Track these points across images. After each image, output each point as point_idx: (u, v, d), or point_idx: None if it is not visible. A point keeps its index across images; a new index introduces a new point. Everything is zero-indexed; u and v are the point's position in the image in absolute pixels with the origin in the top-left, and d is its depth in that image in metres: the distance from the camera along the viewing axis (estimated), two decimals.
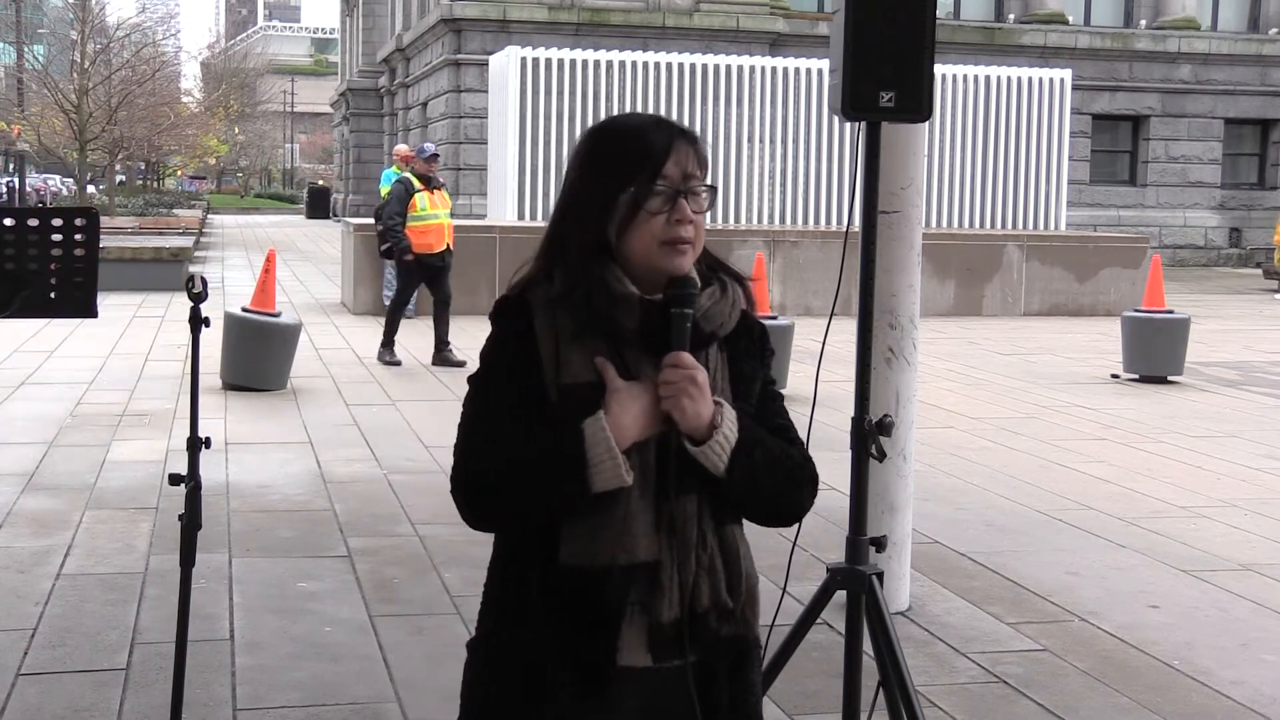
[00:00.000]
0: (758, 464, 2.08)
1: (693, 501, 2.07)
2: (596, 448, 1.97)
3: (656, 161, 2.03)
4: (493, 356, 2.08)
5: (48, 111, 38.58)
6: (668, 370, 2.01)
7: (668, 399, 2.00)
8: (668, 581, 2.04)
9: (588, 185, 2.07)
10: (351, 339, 14.18)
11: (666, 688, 2.08)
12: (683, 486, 2.05)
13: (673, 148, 2.05)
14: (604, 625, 2.03)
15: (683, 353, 2.01)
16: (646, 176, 2.03)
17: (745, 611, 2.14)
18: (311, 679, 4.56)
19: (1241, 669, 4.88)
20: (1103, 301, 18.81)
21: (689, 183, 2.05)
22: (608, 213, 2.05)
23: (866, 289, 3.63)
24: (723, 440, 2.03)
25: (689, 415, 2.00)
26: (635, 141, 2.06)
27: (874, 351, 4.22)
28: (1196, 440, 9.40)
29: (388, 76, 42.72)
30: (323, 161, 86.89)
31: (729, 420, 2.05)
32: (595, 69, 20.00)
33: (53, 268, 3.46)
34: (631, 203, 2.03)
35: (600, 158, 2.08)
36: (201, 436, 3.67)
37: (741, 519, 2.17)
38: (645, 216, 2.03)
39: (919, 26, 3.46)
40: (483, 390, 2.08)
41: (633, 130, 2.08)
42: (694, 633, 2.06)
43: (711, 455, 2.03)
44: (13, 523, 6.55)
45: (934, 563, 6.14)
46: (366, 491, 7.33)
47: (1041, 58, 29.70)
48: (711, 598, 2.08)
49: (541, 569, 2.05)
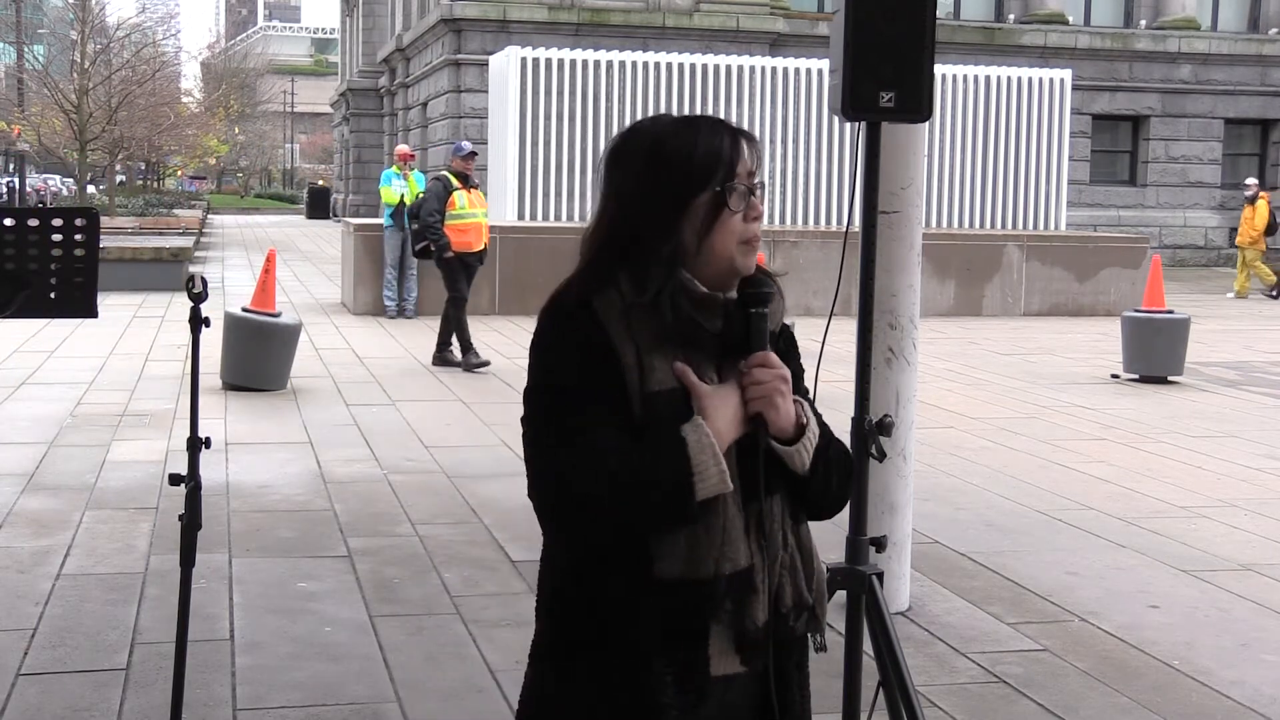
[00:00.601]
0: (833, 460, 2.11)
1: (778, 502, 2.06)
2: (702, 454, 1.92)
3: (732, 161, 2.03)
4: (564, 369, 1.98)
5: (48, 111, 38.57)
6: (758, 371, 1.99)
7: (759, 399, 1.99)
8: (760, 585, 2.01)
9: (659, 188, 2.01)
10: (351, 339, 14.18)
11: (742, 690, 2.06)
12: (771, 488, 2.03)
13: (739, 146, 2.05)
14: (702, 635, 1.98)
15: (770, 353, 2.01)
16: (725, 176, 2.01)
17: (818, 607, 2.12)
18: (311, 679, 4.56)
19: (1241, 669, 4.88)
20: (1103, 301, 18.81)
21: (753, 180, 2.06)
22: (683, 216, 2.01)
23: (866, 289, 3.63)
24: (810, 438, 2.05)
25: (782, 415, 2.00)
26: (709, 143, 2.03)
27: (874, 351, 4.22)
28: (1196, 440, 9.40)
29: (388, 76, 42.72)
30: (323, 161, 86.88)
31: (813, 419, 2.07)
32: (595, 69, 19.99)
33: (53, 268, 3.46)
34: (714, 203, 2.01)
35: (671, 161, 2.02)
36: (201, 436, 3.67)
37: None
38: (728, 216, 2.01)
39: (919, 26, 3.46)
40: (560, 405, 1.97)
41: (703, 132, 2.05)
42: (778, 634, 2.05)
43: (803, 454, 2.04)
44: (13, 523, 6.55)
45: (934, 563, 6.14)
46: (366, 491, 7.33)
47: (1041, 58, 29.70)
48: (794, 597, 2.07)
49: (637, 581, 1.98)
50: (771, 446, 2.01)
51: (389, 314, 16.29)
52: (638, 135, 2.07)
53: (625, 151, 2.07)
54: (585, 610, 2.03)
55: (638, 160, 2.04)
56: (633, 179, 2.04)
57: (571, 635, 2.05)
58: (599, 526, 1.96)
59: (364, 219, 21.79)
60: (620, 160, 2.07)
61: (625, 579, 1.98)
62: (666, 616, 1.97)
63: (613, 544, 1.99)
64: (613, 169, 2.07)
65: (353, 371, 11.84)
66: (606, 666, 2.00)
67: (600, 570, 2.01)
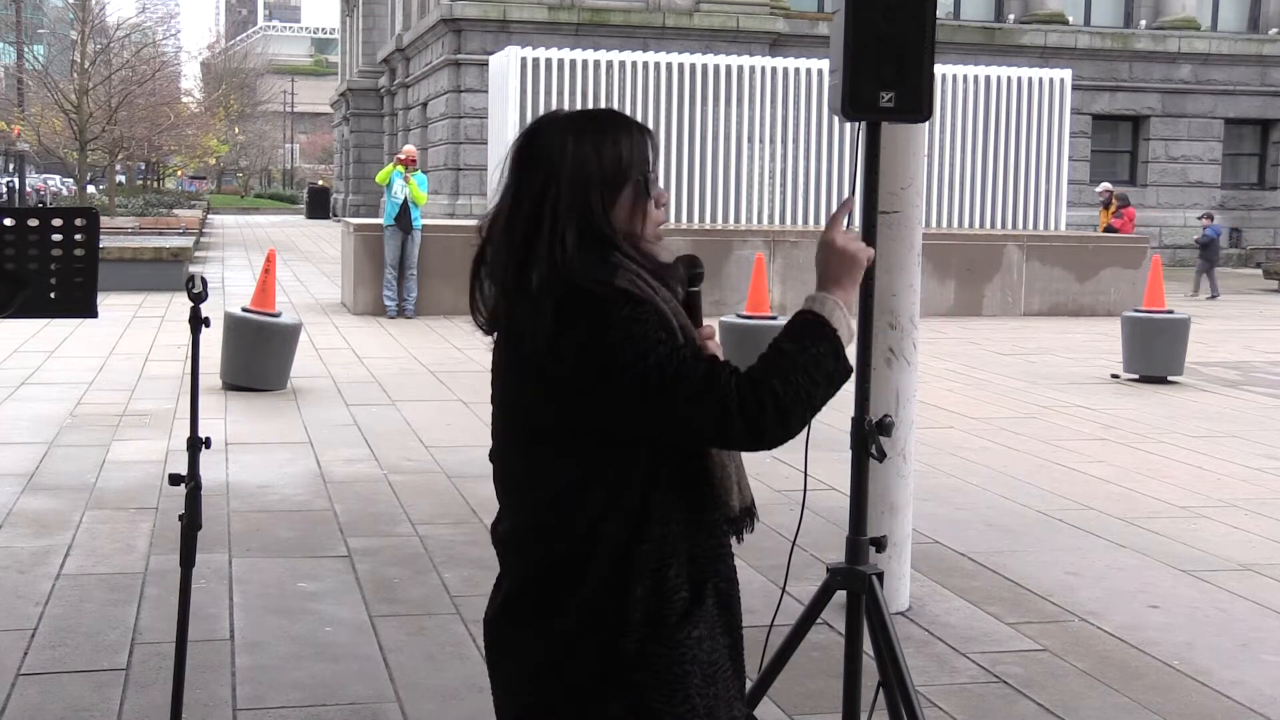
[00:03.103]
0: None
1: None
2: (835, 312, 2.15)
3: (645, 154, 2.18)
4: (653, 333, 2.06)
5: (48, 111, 38.57)
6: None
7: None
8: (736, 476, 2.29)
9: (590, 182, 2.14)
10: (351, 339, 14.18)
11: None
12: None
13: (647, 138, 2.21)
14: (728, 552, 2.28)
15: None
16: (646, 168, 2.18)
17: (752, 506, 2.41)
18: (311, 679, 4.56)
19: (1241, 669, 4.88)
20: (1103, 301, 18.81)
21: (656, 171, 2.24)
22: (614, 205, 2.15)
23: (866, 289, 3.63)
24: None
25: None
26: (631, 138, 2.18)
27: (874, 351, 4.22)
28: (1196, 440, 9.40)
29: (388, 76, 42.72)
30: (323, 161, 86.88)
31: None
32: (595, 69, 19.99)
33: (53, 268, 3.46)
34: (639, 194, 2.17)
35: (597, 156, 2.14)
36: (201, 436, 3.67)
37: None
38: (648, 203, 2.19)
39: (919, 26, 3.46)
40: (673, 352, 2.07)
41: (627, 128, 2.19)
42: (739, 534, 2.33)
43: None
44: (13, 523, 6.55)
45: (934, 563, 6.14)
46: (366, 491, 7.32)
47: (1041, 58, 29.71)
48: (750, 498, 2.37)
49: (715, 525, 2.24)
50: None
51: (389, 314, 16.29)
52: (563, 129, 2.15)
53: (536, 150, 2.15)
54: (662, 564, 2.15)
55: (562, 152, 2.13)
56: (556, 175, 2.13)
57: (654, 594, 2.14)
58: (802, 417, 2.10)
59: (364, 219, 21.78)
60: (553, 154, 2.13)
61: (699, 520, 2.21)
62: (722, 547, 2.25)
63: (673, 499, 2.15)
64: (531, 167, 2.15)
65: (353, 371, 11.84)
66: (707, 607, 2.18)
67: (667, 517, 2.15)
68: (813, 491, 3.85)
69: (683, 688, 2.12)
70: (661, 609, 2.12)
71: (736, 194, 20.14)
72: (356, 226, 17.35)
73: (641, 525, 2.12)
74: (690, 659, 2.13)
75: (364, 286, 16.84)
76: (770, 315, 11.24)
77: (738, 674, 2.26)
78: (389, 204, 16.61)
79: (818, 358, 2.09)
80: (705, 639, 2.16)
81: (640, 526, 2.12)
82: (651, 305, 2.09)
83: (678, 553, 2.15)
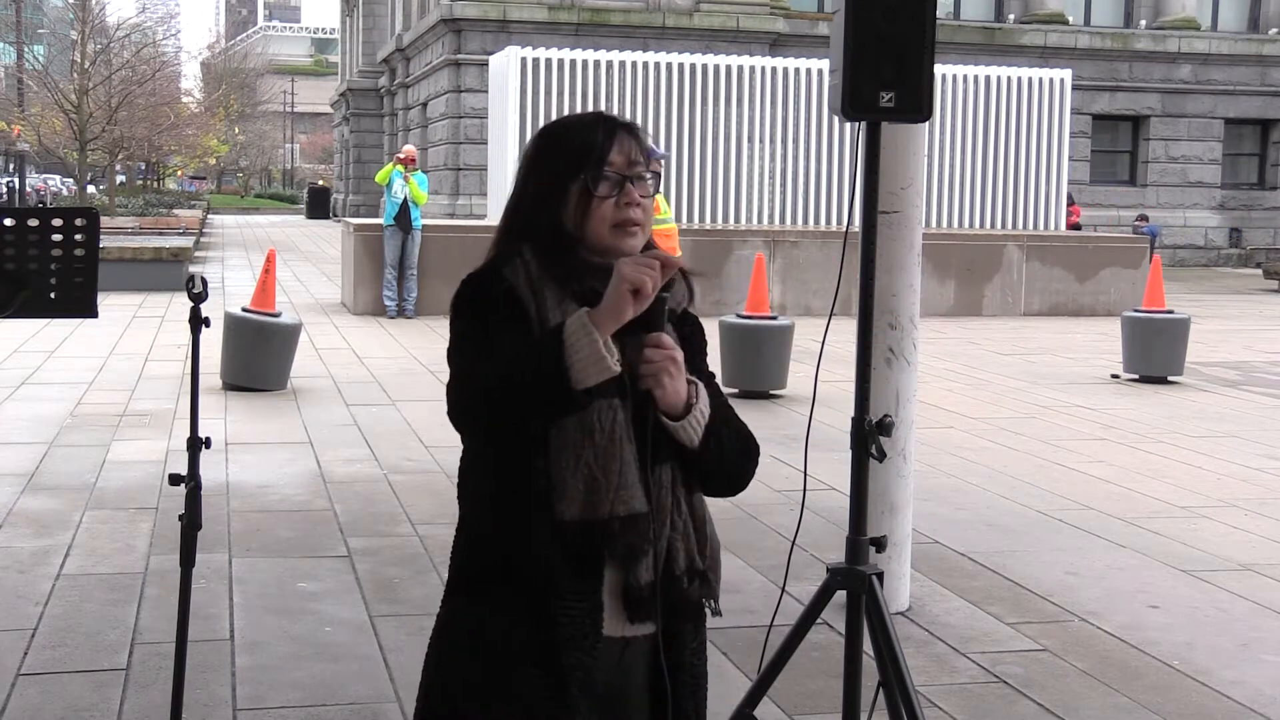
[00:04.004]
0: (725, 438, 2.26)
1: (667, 472, 2.22)
2: (578, 336, 2.05)
3: (601, 151, 2.20)
4: (476, 317, 2.17)
5: (48, 111, 38.54)
6: (650, 350, 2.14)
7: (649, 377, 2.14)
8: (648, 545, 2.17)
9: (541, 179, 2.24)
10: (351, 339, 14.19)
11: (632, 656, 2.25)
12: (659, 458, 2.20)
13: (615, 138, 2.23)
14: (596, 584, 2.15)
15: (663, 335, 2.15)
16: (593, 165, 2.19)
17: (710, 573, 2.28)
18: (311, 679, 4.56)
19: (1241, 669, 4.88)
20: (1103, 301, 18.81)
21: (634, 169, 2.23)
22: (561, 203, 2.21)
23: (866, 289, 3.63)
24: (699, 416, 2.21)
25: (669, 393, 2.16)
26: (580, 135, 2.23)
27: (874, 351, 4.22)
28: (1196, 440, 9.40)
29: (388, 76, 42.72)
30: (323, 161, 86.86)
31: (704, 397, 2.23)
32: (595, 69, 19.99)
33: (53, 268, 3.45)
34: (582, 190, 2.19)
35: (549, 154, 2.25)
36: (201, 436, 3.67)
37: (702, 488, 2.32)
38: (597, 202, 2.19)
39: (919, 26, 3.46)
40: (472, 340, 2.16)
41: (577, 126, 2.26)
42: (668, 595, 2.20)
43: (689, 430, 2.20)
44: (13, 523, 6.55)
45: (934, 563, 6.14)
46: (366, 491, 7.33)
47: (1041, 58, 29.71)
48: (687, 560, 2.23)
49: (543, 521, 2.14)
50: (660, 420, 2.17)
51: (389, 314, 16.29)
52: (537, 134, 2.33)
53: (525, 149, 2.32)
54: (494, 547, 2.20)
55: (529, 155, 2.29)
56: (525, 171, 2.28)
57: (482, 572, 2.22)
58: (496, 419, 2.14)
59: (364, 219, 21.78)
60: (522, 156, 2.32)
61: (532, 518, 2.15)
62: (566, 555, 2.13)
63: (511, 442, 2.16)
64: (521, 162, 2.31)
65: (353, 371, 11.84)
66: (511, 602, 2.16)
67: (510, 508, 2.18)
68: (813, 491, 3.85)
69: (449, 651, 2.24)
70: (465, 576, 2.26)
71: (736, 194, 20.14)
72: (356, 226, 17.34)
73: (487, 511, 2.24)
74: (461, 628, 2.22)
75: (364, 286, 16.84)
76: (770, 315, 11.22)
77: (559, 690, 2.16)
78: (389, 204, 16.61)
79: (527, 357, 2.10)
80: (487, 621, 2.18)
81: (487, 512, 2.24)
82: (494, 292, 2.15)
83: (497, 536, 2.20)
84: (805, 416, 2.96)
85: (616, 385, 2.12)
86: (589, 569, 2.15)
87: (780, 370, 10.85)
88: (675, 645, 2.25)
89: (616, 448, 2.14)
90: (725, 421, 2.26)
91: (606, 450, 2.13)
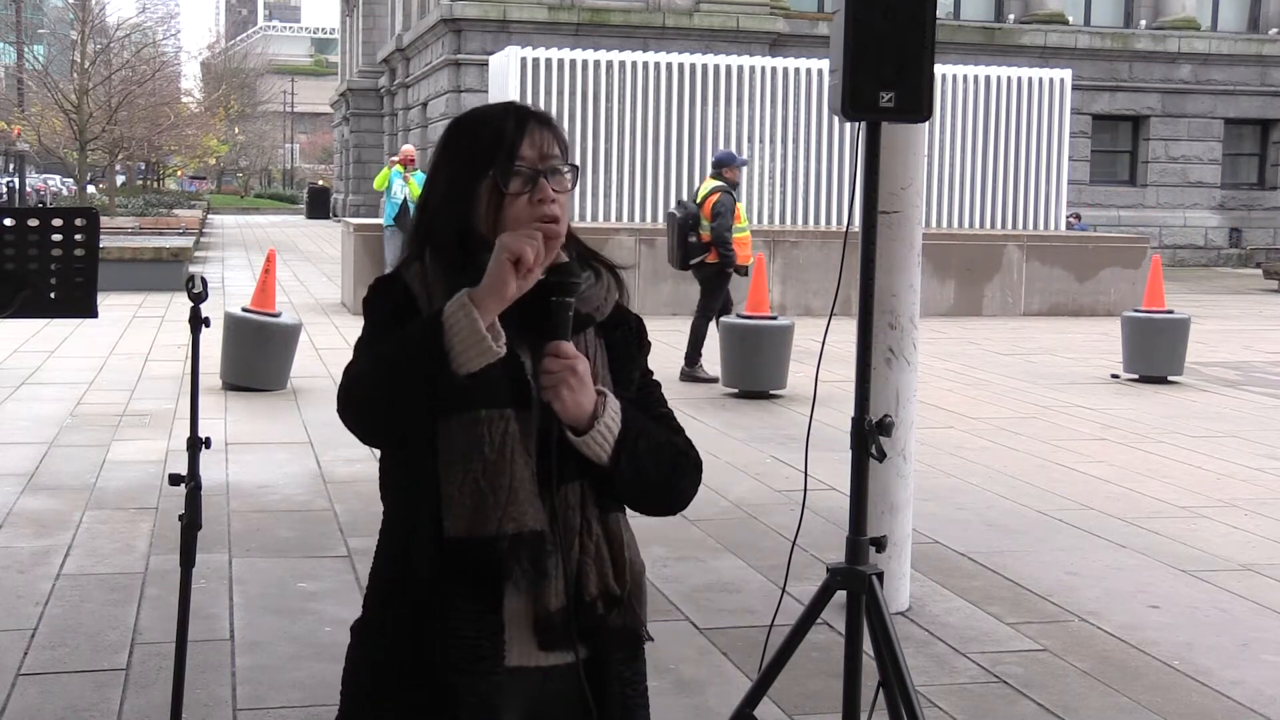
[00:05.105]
0: (641, 453, 2.06)
1: (575, 490, 2.06)
2: (456, 317, 1.92)
3: (511, 145, 2.05)
4: (373, 320, 2.14)
5: (48, 111, 38.52)
6: (548, 360, 1.99)
7: (548, 389, 1.99)
8: (553, 570, 2.02)
9: (450, 176, 2.10)
10: (351, 339, 14.12)
11: (557, 687, 2.08)
12: (565, 475, 2.04)
13: (526, 131, 2.07)
14: (495, 604, 2.01)
15: (564, 343, 2.00)
16: (503, 160, 2.04)
17: (632, 600, 2.10)
18: (311, 679, 4.56)
19: (1241, 669, 4.88)
20: (1103, 301, 18.81)
21: (548, 163, 2.06)
22: (470, 202, 2.07)
23: (866, 289, 3.63)
24: (605, 430, 2.02)
25: (569, 406, 1.99)
26: (488, 129, 2.08)
27: (874, 351, 4.21)
28: (1196, 440, 9.40)
29: (388, 76, 42.72)
30: (323, 161, 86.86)
31: (611, 410, 2.04)
32: (595, 69, 19.99)
33: (53, 268, 3.46)
34: (492, 187, 2.05)
35: (458, 149, 2.10)
36: (201, 436, 3.67)
37: (624, 508, 2.15)
38: (509, 200, 2.04)
39: (919, 26, 3.46)
40: (367, 340, 2.14)
41: (485, 119, 2.10)
42: (581, 622, 2.05)
43: (594, 445, 2.02)
44: (13, 523, 6.55)
45: (934, 563, 6.14)
46: (366, 491, 7.32)
47: (1041, 58, 29.71)
48: (599, 585, 2.07)
49: (433, 538, 2.03)
50: (565, 435, 2.02)
51: None
52: (446, 127, 2.17)
53: (436, 144, 2.18)
54: (393, 561, 2.11)
55: (438, 151, 2.14)
56: (435, 167, 2.14)
57: (380, 584, 2.15)
58: (369, 403, 2.08)
59: (364, 219, 21.77)
60: (433, 152, 2.18)
61: (422, 536, 2.04)
62: (457, 574, 2.01)
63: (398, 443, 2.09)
64: (431, 157, 2.18)
65: None
66: (406, 618, 2.07)
67: (402, 521, 2.09)
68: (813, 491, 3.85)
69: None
70: (369, 588, 2.21)
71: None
72: (356, 226, 17.34)
73: (386, 522, 2.17)
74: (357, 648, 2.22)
75: (364, 287, 16.57)
76: (770, 315, 11.22)
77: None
78: (389, 204, 16.62)
79: (405, 340, 1.99)
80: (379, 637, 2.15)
81: (386, 523, 2.17)
82: (393, 298, 2.11)
83: (393, 550, 2.13)
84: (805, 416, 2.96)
85: (511, 395, 2.00)
86: (484, 590, 2.01)
87: (780, 370, 10.86)
88: (603, 676, 2.09)
89: (506, 462, 1.99)
90: (643, 435, 2.07)
91: (495, 464, 1.98)
